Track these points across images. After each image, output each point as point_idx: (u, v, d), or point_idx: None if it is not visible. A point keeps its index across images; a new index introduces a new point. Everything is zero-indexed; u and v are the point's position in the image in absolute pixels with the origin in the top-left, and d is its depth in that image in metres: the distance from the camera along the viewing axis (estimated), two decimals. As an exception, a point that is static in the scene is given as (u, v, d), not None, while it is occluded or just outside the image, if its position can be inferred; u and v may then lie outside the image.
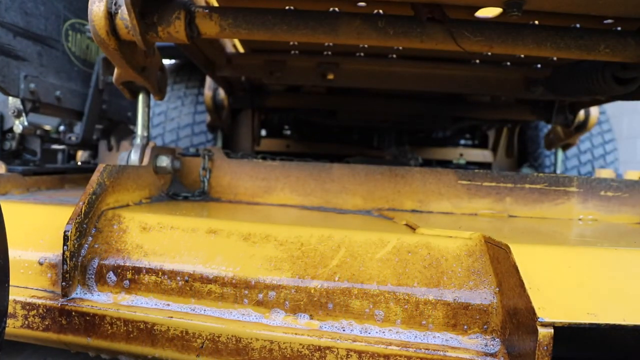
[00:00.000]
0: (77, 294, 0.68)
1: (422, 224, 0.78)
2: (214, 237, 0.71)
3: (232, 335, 0.61)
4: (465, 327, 0.60)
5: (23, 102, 1.27)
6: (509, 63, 1.56)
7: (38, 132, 1.41)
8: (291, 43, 1.42)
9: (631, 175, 1.58)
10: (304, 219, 0.91)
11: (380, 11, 1.09)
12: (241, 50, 1.65)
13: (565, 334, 0.52)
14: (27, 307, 0.67)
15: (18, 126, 1.28)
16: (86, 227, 0.71)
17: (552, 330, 0.50)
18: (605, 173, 1.75)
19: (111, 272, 0.69)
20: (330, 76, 1.58)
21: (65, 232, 0.67)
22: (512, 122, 2.35)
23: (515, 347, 0.55)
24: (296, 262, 0.66)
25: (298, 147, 2.59)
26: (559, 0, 0.86)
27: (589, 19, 1.01)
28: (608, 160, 2.23)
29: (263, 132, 2.74)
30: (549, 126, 2.13)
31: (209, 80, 1.78)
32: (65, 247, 0.67)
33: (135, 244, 0.71)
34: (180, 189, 1.13)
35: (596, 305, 0.53)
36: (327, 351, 0.58)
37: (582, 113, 1.83)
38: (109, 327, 0.64)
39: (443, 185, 1.08)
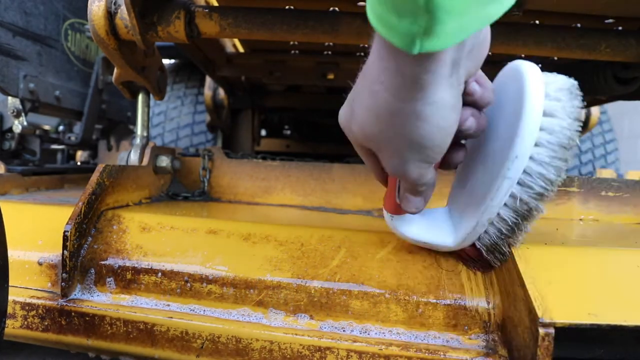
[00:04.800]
0: (76, 294, 0.68)
1: (423, 224, 0.77)
2: (213, 237, 0.71)
3: (232, 336, 0.61)
4: (466, 327, 0.60)
5: (22, 102, 1.27)
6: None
7: (37, 132, 1.41)
8: (291, 43, 1.42)
9: (632, 175, 1.58)
10: (304, 219, 0.90)
11: (381, 11, 1.08)
12: (241, 50, 1.65)
13: (566, 334, 0.52)
14: (27, 308, 0.66)
15: (17, 126, 1.28)
16: (86, 228, 0.71)
17: (552, 331, 0.50)
18: (607, 173, 1.75)
19: (111, 272, 0.68)
20: (331, 76, 1.58)
21: (64, 232, 0.67)
22: None
23: (516, 347, 0.55)
24: (296, 263, 0.66)
25: (298, 147, 2.58)
26: (560, -1, 0.85)
27: (590, 19, 1.00)
28: (609, 160, 2.22)
29: (263, 132, 2.74)
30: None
31: (208, 80, 1.78)
32: (64, 247, 0.67)
33: (135, 244, 0.71)
34: (180, 189, 1.13)
35: (597, 305, 0.52)
36: (328, 352, 0.58)
37: (582, 113, 1.83)
38: (109, 328, 0.64)
39: (444, 185, 1.07)
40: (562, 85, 0.45)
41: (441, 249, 0.56)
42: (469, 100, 0.42)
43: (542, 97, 0.43)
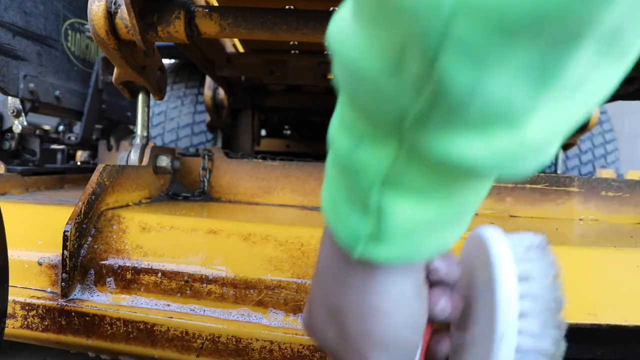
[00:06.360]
0: (76, 294, 0.68)
1: (423, 224, 0.77)
2: (213, 237, 0.71)
3: (232, 336, 0.61)
4: (466, 327, 0.59)
5: (22, 101, 1.27)
6: (509, 63, 1.55)
7: (37, 132, 1.41)
8: (291, 43, 1.42)
9: (632, 175, 1.57)
10: (304, 219, 0.90)
11: (381, 11, 1.08)
12: (241, 50, 1.65)
13: (566, 334, 0.52)
14: (27, 308, 0.66)
15: (17, 126, 1.28)
16: (86, 228, 0.71)
17: (553, 331, 0.49)
18: (607, 173, 1.75)
19: (111, 272, 0.68)
20: (331, 76, 1.58)
21: (64, 232, 0.67)
22: None
23: (516, 347, 0.55)
24: (296, 263, 0.66)
25: (298, 147, 2.58)
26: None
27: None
28: (609, 160, 2.22)
29: (263, 132, 2.74)
30: (549, 126, 2.12)
31: (208, 80, 1.78)
32: (64, 247, 0.67)
33: (135, 244, 0.71)
34: (180, 189, 1.13)
35: (597, 305, 0.53)
36: (328, 352, 0.58)
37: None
38: (109, 328, 0.64)
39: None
40: (530, 243, 0.38)
41: None
42: (435, 279, 0.35)
43: (511, 262, 0.36)
